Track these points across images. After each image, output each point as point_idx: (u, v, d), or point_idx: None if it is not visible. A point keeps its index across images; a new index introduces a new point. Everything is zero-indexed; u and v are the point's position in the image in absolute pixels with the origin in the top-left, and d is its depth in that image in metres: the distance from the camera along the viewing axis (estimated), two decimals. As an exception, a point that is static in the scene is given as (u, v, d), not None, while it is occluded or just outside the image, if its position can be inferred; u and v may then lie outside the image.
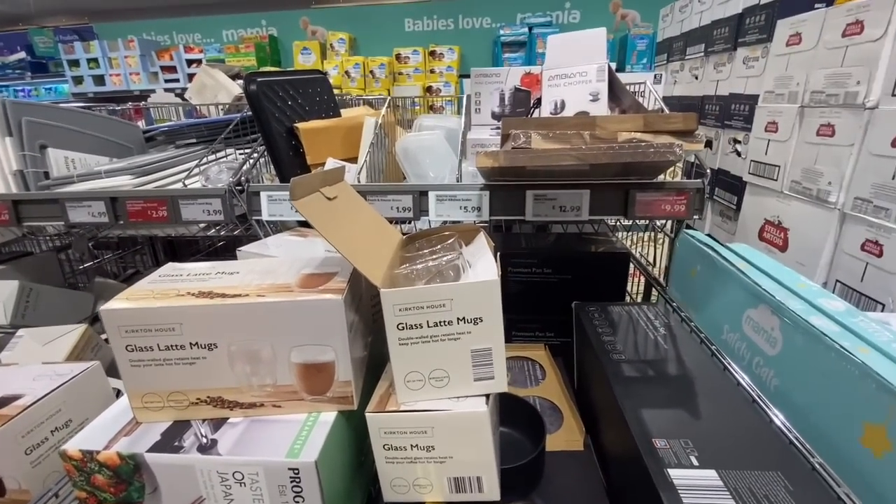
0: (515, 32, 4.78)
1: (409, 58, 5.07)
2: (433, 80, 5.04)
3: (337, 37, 5.16)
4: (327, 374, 0.48)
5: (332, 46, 5.14)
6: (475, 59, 5.19)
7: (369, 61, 4.94)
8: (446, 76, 4.98)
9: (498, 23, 5.13)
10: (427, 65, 5.01)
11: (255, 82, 0.87)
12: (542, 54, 4.65)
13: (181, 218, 0.85)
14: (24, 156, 0.91)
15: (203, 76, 1.71)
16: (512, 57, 4.86)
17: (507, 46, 4.85)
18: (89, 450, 0.45)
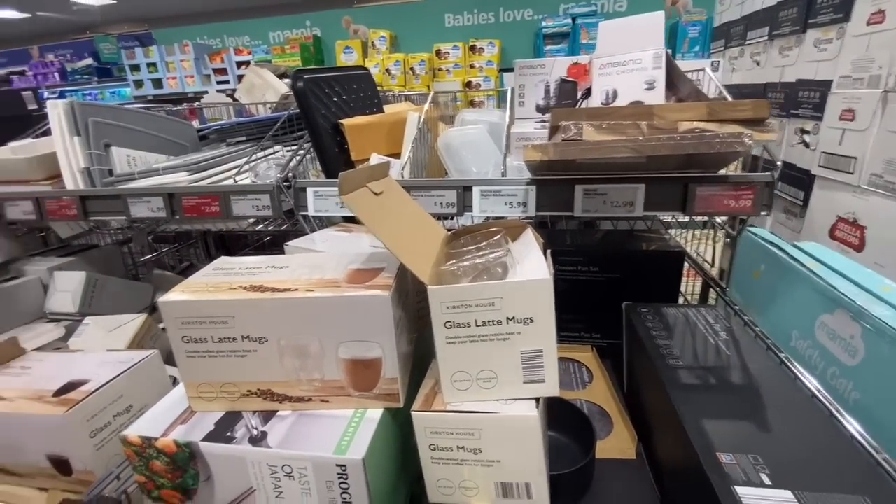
0: (558, 24, 4.65)
1: (449, 53, 5.05)
2: (473, 76, 5.00)
3: (378, 35, 5.21)
4: (374, 371, 0.47)
5: (374, 44, 5.20)
6: (516, 52, 5.10)
7: (409, 58, 4.97)
8: (486, 71, 4.93)
9: (540, 14, 5.01)
10: (467, 60, 4.97)
11: (301, 79, 0.88)
12: (587, 45, 4.50)
13: (232, 213, 0.87)
14: (90, 154, 0.97)
15: (252, 76, 1.77)
16: (554, 49, 4.74)
17: (549, 38, 4.73)
18: (148, 436, 0.46)
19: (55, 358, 0.66)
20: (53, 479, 0.56)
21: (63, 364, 0.64)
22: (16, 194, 0.97)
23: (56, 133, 0.96)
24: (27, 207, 0.97)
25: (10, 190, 0.99)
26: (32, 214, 0.97)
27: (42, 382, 0.59)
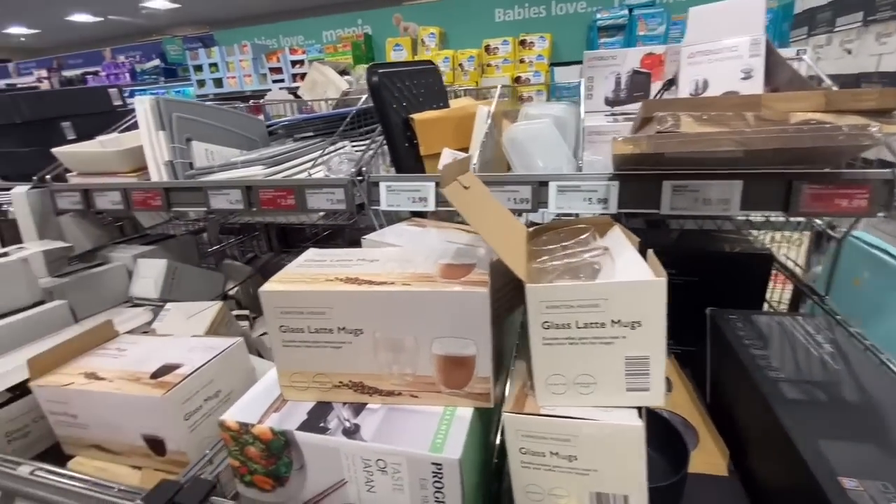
0: (614, 15, 4.49)
1: (499, 48, 4.98)
2: (522, 70, 4.92)
3: (428, 31, 5.23)
4: (467, 369, 0.46)
5: (423, 41, 5.22)
6: (567, 46, 4.98)
7: (458, 54, 4.94)
8: (536, 65, 4.84)
9: (594, 6, 4.85)
10: (516, 54, 4.89)
11: (377, 73, 0.88)
12: (644, 37, 4.32)
13: (307, 206, 0.89)
14: (174, 148, 1.01)
15: (315, 73, 1.81)
16: (609, 42, 4.58)
17: (603, 31, 4.58)
18: (245, 422, 0.47)
19: (147, 341, 0.70)
20: (147, 458, 0.59)
21: (155, 347, 0.67)
22: (106, 185, 1.03)
23: (142, 128, 1.01)
24: (115, 198, 1.03)
25: (99, 181, 1.06)
26: (120, 204, 1.04)
27: (138, 364, 0.62)
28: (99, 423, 0.59)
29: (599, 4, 4.87)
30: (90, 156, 1.06)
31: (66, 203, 1.07)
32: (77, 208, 1.07)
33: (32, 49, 11.49)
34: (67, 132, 1.16)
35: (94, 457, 0.62)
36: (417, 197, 0.83)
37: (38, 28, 9.94)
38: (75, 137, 1.19)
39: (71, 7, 8.57)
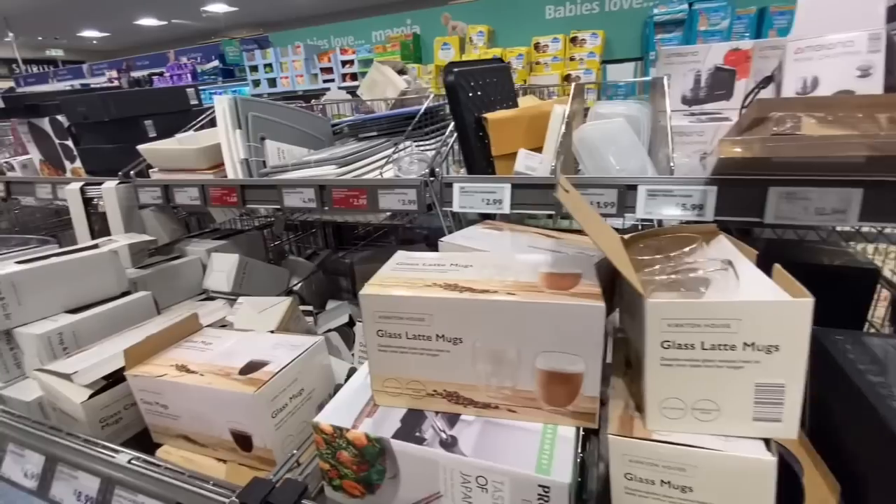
0: (672, 10, 4.30)
1: (549, 46, 4.89)
2: (573, 68, 4.80)
3: (476, 30, 5.20)
4: (573, 386, 0.43)
5: (471, 40, 5.20)
6: (621, 43, 4.82)
7: (507, 52, 4.89)
8: (588, 63, 4.71)
9: (650, 1, 4.67)
10: (567, 52, 4.78)
11: (452, 72, 0.86)
12: (705, 33, 4.12)
13: (378, 206, 0.89)
14: (249, 146, 1.04)
15: (374, 73, 1.82)
16: (666, 38, 4.40)
17: (660, 27, 4.40)
18: (339, 426, 0.47)
19: (230, 336, 0.71)
20: (233, 453, 0.60)
21: (239, 342, 0.68)
22: (185, 181, 1.07)
23: (220, 126, 1.05)
24: (193, 194, 1.07)
25: (178, 177, 1.11)
26: (197, 200, 1.07)
27: (225, 359, 0.63)
28: (189, 415, 0.61)
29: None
30: (171, 153, 1.10)
31: (147, 197, 1.12)
32: (157, 203, 1.12)
33: (103, 51, 12.37)
34: (149, 130, 1.22)
35: (181, 447, 0.64)
36: (492, 199, 0.81)
37: (108, 31, 10.67)
38: (156, 135, 1.25)
39: (139, 12, 9.16)
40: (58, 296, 0.81)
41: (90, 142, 1.27)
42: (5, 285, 0.74)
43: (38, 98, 1.33)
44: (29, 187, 1.34)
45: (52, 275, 0.80)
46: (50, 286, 0.80)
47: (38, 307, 0.79)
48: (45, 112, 1.31)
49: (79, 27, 10.09)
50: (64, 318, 0.79)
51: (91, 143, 1.27)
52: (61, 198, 1.25)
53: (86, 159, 1.30)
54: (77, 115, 1.20)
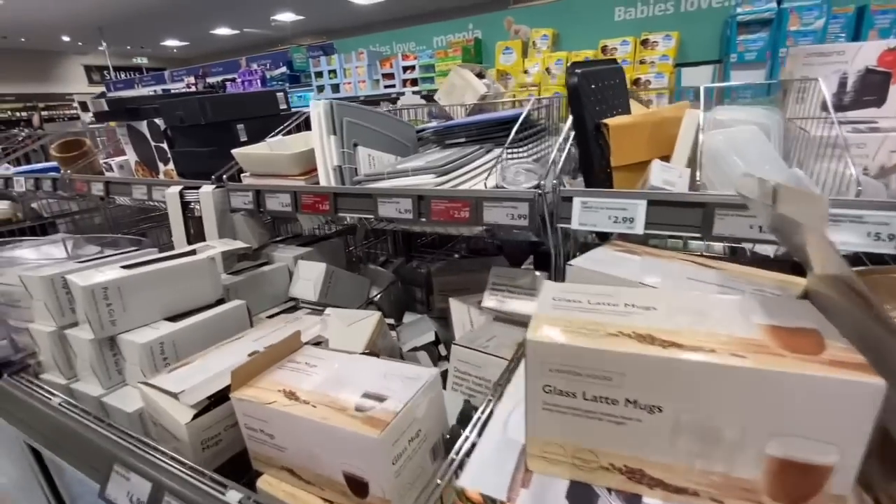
0: (759, 9, 3.98)
1: (617, 49, 4.67)
2: (643, 72, 4.56)
3: (540, 34, 5.07)
4: (815, 481, 0.33)
5: (535, 44, 5.07)
6: (697, 45, 4.53)
7: (573, 56, 4.72)
8: (659, 66, 4.46)
9: (731, 0, 4.36)
10: (637, 55, 4.55)
11: (576, 74, 0.78)
12: (797, 33, 3.77)
13: (482, 220, 0.81)
14: (343, 153, 1.00)
15: (454, 77, 1.77)
16: (750, 39, 4.08)
17: (743, 27, 4.09)
18: (492, 497, 0.39)
19: (333, 358, 0.66)
20: (344, 497, 0.54)
21: (346, 367, 0.62)
22: (277, 187, 1.05)
23: (315, 131, 1.01)
24: (285, 200, 1.05)
25: (270, 183, 1.09)
26: (289, 207, 1.05)
27: (335, 388, 0.57)
28: (297, 449, 0.55)
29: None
30: (264, 157, 1.09)
31: (238, 202, 1.11)
32: (248, 207, 1.11)
33: (182, 59, 13.31)
34: (241, 134, 1.22)
35: (284, 479, 0.59)
36: (622, 217, 0.71)
37: (187, 41, 11.46)
38: (246, 139, 1.24)
39: (215, 22, 9.76)
40: (159, 302, 0.80)
41: (184, 144, 1.29)
42: (112, 291, 0.73)
43: (137, 102, 1.37)
44: (126, 188, 1.38)
45: (155, 281, 0.78)
46: (152, 292, 0.78)
47: (140, 313, 0.77)
48: (145, 115, 1.35)
49: (162, 37, 10.91)
50: (164, 326, 0.77)
51: (184, 146, 1.29)
52: (156, 199, 1.28)
53: (178, 162, 1.33)
54: (174, 118, 1.22)
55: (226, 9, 8.57)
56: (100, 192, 1.47)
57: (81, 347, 0.75)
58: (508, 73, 5.21)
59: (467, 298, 1.14)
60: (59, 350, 0.79)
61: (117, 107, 1.35)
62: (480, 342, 0.88)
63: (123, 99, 1.41)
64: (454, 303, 1.13)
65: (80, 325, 0.78)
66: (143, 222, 2.20)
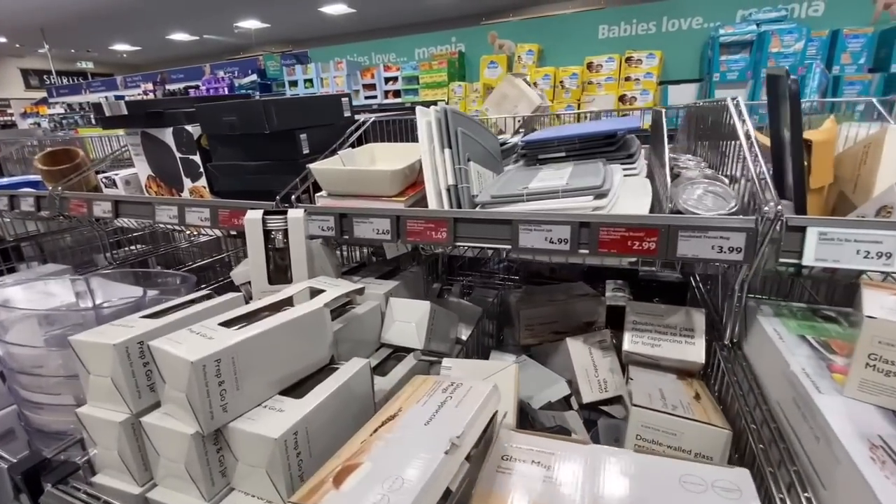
0: (740, 31, 4.16)
1: (602, 66, 4.77)
2: (628, 89, 4.67)
3: (525, 49, 5.08)
4: None
5: (520, 58, 5.07)
6: (679, 64, 4.68)
7: (560, 71, 4.76)
8: (644, 83, 4.57)
9: (712, 22, 4.55)
10: (622, 72, 4.64)
11: (791, 78, 0.65)
12: (778, 55, 3.96)
13: (675, 252, 0.67)
14: (459, 169, 0.83)
15: (506, 86, 1.63)
16: (732, 59, 4.25)
17: (725, 48, 4.26)
18: None
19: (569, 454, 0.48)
20: None
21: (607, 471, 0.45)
22: (373, 210, 0.86)
23: (424, 144, 0.84)
24: (383, 226, 0.86)
25: (356, 205, 0.89)
26: (385, 235, 0.86)
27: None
28: None
29: (719, 19, 4.56)
30: (356, 175, 0.89)
31: (315, 228, 0.90)
32: (327, 234, 0.91)
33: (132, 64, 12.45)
34: (303, 145, 1.02)
35: None
36: (876, 252, 0.59)
37: (139, 45, 10.74)
38: (308, 151, 1.04)
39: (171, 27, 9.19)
40: (273, 372, 0.59)
41: (226, 157, 1.06)
42: (226, 364, 0.52)
43: (161, 105, 1.13)
44: (145, 208, 1.13)
45: (273, 343, 0.58)
46: (268, 359, 0.57)
47: (254, 390, 0.56)
48: (171, 121, 1.11)
49: (111, 41, 10.16)
50: (289, 406, 0.56)
51: (227, 159, 1.06)
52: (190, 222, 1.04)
53: (217, 178, 1.10)
54: (220, 125, 1.00)
55: (185, 13, 8.08)
56: (106, 213, 1.20)
57: (172, 443, 0.53)
58: (493, 88, 5.17)
59: (587, 338, 0.99)
60: (132, 445, 0.56)
61: (137, 110, 1.10)
62: (658, 402, 0.72)
63: (145, 102, 1.17)
64: (573, 344, 0.97)
65: (163, 410, 0.56)
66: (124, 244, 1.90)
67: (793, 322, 0.70)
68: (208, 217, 1.03)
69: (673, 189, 0.74)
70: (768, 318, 0.73)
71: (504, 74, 5.22)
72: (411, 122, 1.46)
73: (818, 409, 0.51)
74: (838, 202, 0.81)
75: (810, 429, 0.52)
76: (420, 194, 0.93)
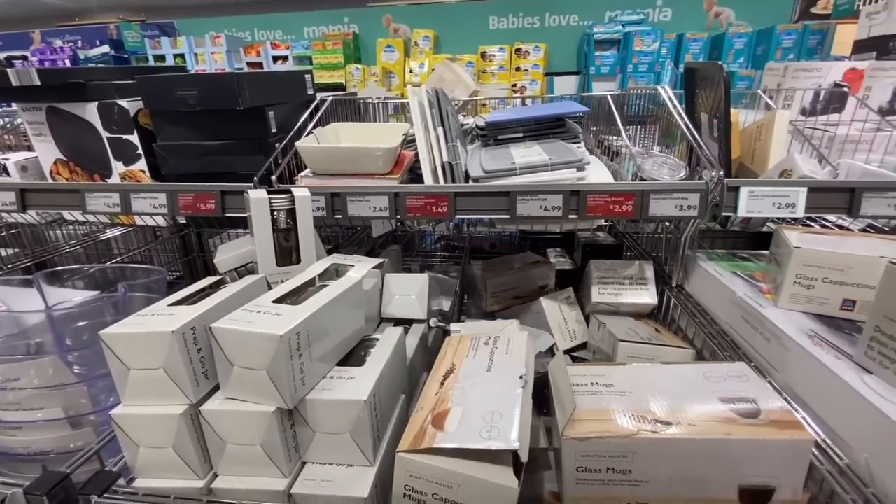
0: (610, 30, 4.73)
1: (495, 55, 5.04)
2: (518, 78, 5.01)
3: (421, 34, 5.14)
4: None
5: (417, 44, 5.12)
6: (562, 57, 5.15)
7: (458, 59, 4.92)
8: (532, 74, 4.95)
9: (586, 20, 5.08)
10: (513, 63, 4.97)
11: (722, 69, 0.83)
12: (640, 52, 4.58)
13: (647, 213, 0.81)
14: (452, 147, 0.88)
15: (443, 70, 1.68)
16: (605, 55, 4.81)
17: (599, 45, 4.80)
18: None
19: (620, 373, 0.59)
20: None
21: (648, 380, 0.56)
22: (369, 188, 0.87)
23: (417, 122, 0.87)
24: (380, 204, 0.87)
25: (351, 184, 0.89)
26: (383, 212, 0.88)
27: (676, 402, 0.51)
28: (666, 477, 0.48)
29: (592, 18, 5.10)
30: (349, 153, 0.89)
31: (304, 209, 0.88)
32: (318, 215, 0.89)
33: None
34: (271, 123, 0.97)
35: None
36: (785, 203, 0.80)
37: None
38: (276, 130, 0.99)
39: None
40: (333, 346, 0.59)
41: (180, 137, 0.96)
42: (303, 338, 0.52)
43: (77, 76, 0.97)
44: (68, 198, 0.97)
45: (333, 318, 0.58)
46: (329, 334, 0.58)
47: (321, 364, 0.56)
48: (96, 95, 0.96)
49: None
50: (354, 373, 0.58)
51: (182, 139, 0.96)
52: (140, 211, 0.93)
53: (168, 160, 0.99)
54: (174, 101, 0.90)
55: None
56: (6, 205, 1.00)
57: (247, 426, 0.52)
58: (392, 72, 5.15)
59: (556, 296, 1.12)
60: (192, 438, 0.52)
61: (54, 80, 0.93)
62: (635, 336, 0.88)
63: (63, 70, 0.98)
64: (546, 302, 1.10)
65: (225, 395, 0.53)
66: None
67: (724, 263, 0.91)
68: (164, 203, 0.93)
69: (641, 162, 0.89)
70: (706, 262, 0.93)
71: (401, 59, 5.23)
72: (361, 104, 1.46)
73: (767, 318, 0.69)
74: (739, 170, 1.04)
75: (760, 335, 0.71)
76: (405, 172, 0.96)
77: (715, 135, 0.92)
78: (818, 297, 0.69)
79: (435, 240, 1.95)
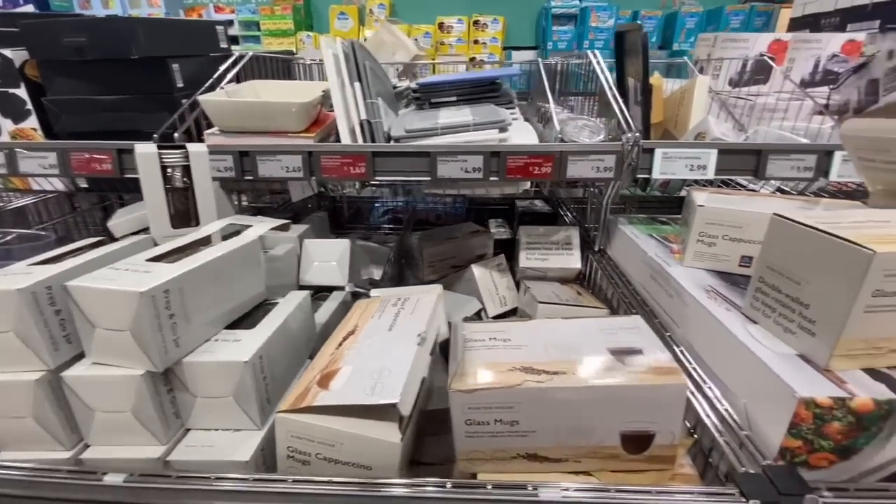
0: (567, 5, 4.70)
1: (453, 27, 4.93)
2: (477, 52, 4.93)
3: (377, 2, 4.94)
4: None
5: (372, 12, 4.92)
6: (521, 31, 5.09)
7: (414, 29, 4.77)
8: (490, 48, 4.88)
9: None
10: (471, 35, 4.87)
11: (642, 32, 0.82)
12: (596, 28, 4.58)
13: (566, 174, 0.81)
14: (370, 104, 0.84)
15: (384, 33, 1.61)
16: (562, 30, 4.80)
17: (556, 19, 4.78)
18: (840, 396, 0.43)
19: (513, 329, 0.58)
20: (608, 461, 0.50)
21: (542, 335, 0.56)
22: (281, 147, 0.82)
23: (332, 77, 0.82)
24: (293, 164, 0.83)
25: (264, 142, 0.84)
26: (297, 172, 0.83)
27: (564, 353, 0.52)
28: (553, 427, 0.48)
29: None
30: (262, 108, 0.83)
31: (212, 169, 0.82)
32: (226, 175, 0.84)
33: None
34: (176, 77, 0.89)
35: (514, 469, 0.51)
36: (697, 165, 0.81)
37: None
38: (183, 85, 0.92)
39: None
40: (217, 307, 0.56)
41: (73, 91, 0.87)
42: (174, 296, 0.48)
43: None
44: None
45: (213, 276, 0.54)
46: (210, 293, 0.54)
47: (202, 326, 0.53)
48: (-32, 41, 0.86)
49: None
50: (241, 335, 0.55)
51: (74, 93, 0.87)
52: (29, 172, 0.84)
53: (60, 116, 0.89)
54: (61, 49, 0.81)
55: None
56: None
57: (114, 392, 0.48)
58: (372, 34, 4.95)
59: (487, 264, 1.11)
60: (54, 407, 0.48)
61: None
62: (554, 298, 0.89)
63: None
64: (477, 269, 1.09)
65: (91, 360, 0.49)
66: None
67: (642, 227, 0.93)
68: (54, 163, 0.85)
69: (561, 125, 0.88)
70: (626, 226, 0.94)
71: (356, 27, 5.01)
72: (291, 65, 1.37)
73: (670, 276, 0.71)
74: (663, 136, 1.06)
75: (665, 291, 0.72)
76: (325, 132, 0.92)
77: (639, 99, 0.92)
78: (719, 255, 0.71)
79: (382, 212, 1.91)
